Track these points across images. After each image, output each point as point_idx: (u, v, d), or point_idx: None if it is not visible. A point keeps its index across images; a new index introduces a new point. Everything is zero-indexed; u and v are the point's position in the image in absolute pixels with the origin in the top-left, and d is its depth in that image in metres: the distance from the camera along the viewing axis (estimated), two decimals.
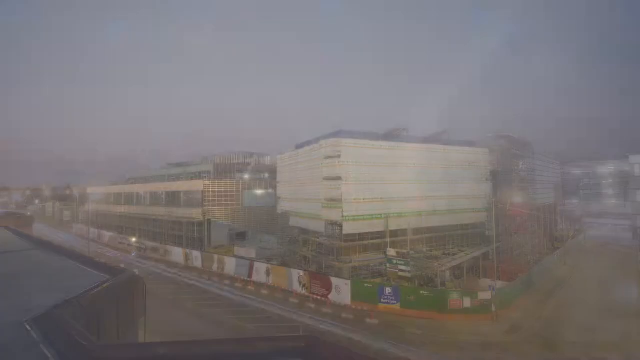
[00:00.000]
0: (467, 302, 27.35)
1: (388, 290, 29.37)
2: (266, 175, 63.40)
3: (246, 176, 62.69)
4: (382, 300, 29.23)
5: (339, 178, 34.38)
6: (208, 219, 51.39)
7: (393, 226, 36.19)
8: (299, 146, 44.22)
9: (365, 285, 30.58)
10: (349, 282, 30.95)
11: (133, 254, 57.34)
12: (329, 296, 31.43)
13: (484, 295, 27.52)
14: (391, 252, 33.75)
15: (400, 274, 32.27)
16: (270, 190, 56.02)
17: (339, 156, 34.47)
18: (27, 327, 6.54)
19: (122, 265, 11.82)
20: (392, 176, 37.11)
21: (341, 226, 34.17)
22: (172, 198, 59.04)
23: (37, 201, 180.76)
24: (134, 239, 62.00)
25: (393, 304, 28.93)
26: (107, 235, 72.09)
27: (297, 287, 34.40)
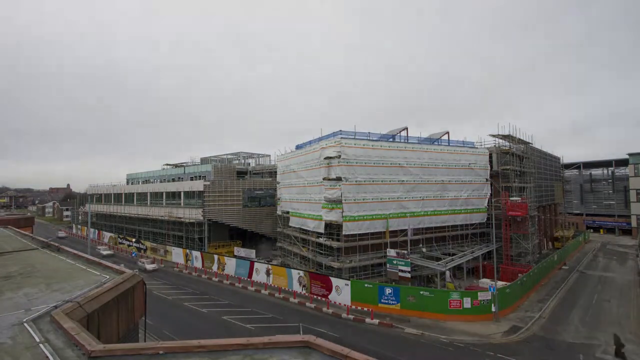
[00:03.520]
0: (467, 303, 27.36)
1: (388, 290, 29.38)
2: (266, 175, 63.51)
3: (246, 176, 62.76)
4: (382, 300, 29.25)
5: (339, 178, 34.38)
6: (208, 220, 51.45)
7: (393, 226, 36.20)
8: (299, 146, 44.22)
9: (365, 285, 30.57)
10: (349, 282, 30.95)
11: (133, 254, 57.40)
12: (329, 296, 31.45)
13: (484, 296, 27.52)
14: (391, 252, 33.79)
15: (401, 274, 32.30)
16: (270, 191, 56.06)
17: (339, 156, 34.46)
18: (27, 327, 6.53)
19: (122, 265, 11.88)
20: (392, 176, 37.13)
21: (341, 226, 34.17)
22: (172, 198, 59.08)
23: (37, 201, 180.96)
24: (133, 240, 62.10)
25: (393, 304, 28.95)
26: (107, 235, 72.20)
27: (297, 288, 34.43)
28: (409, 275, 32.12)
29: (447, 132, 45.00)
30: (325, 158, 35.70)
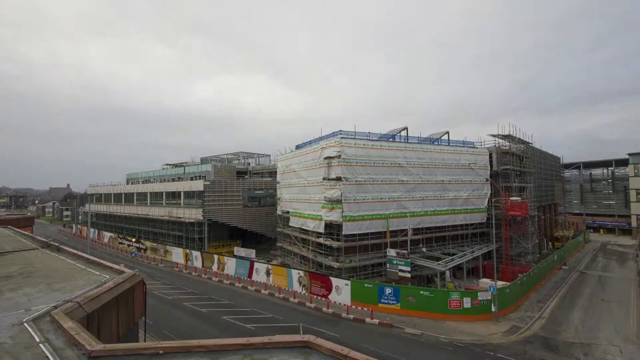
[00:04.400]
0: (467, 303, 27.36)
1: (388, 290, 29.38)
2: (266, 175, 63.51)
3: (246, 176, 62.79)
4: (382, 300, 29.25)
5: (339, 178, 34.37)
6: (208, 219, 51.44)
7: (393, 226, 36.19)
8: (299, 146, 44.22)
9: (365, 285, 30.57)
10: (349, 282, 30.95)
11: (133, 254, 57.41)
12: (329, 296, 31.45)
13: (484, 296, 27.52)
14: (391, 252, 33.79)
15: (401, 274, 32.30)
16: (270, 191, 56.06)
17: (339, 156, 34.45)
18: (27, 327, 6.54)
19: (122, 265, 11.99)
20: (392, 176, 37.12)
21: (341, 226, 34.16)
22: (172, 198, 59.09)
23: (37, 201, 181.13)
24: (133, 239, 62.10)
25: (393, 304, 28.95)
26: (107, 235, 72.18)
27: (297, 288, 34.43)
28: (409, 275, 32.12)
29: (447, 132, 45.05)
30: (325, 158, 35.70)
